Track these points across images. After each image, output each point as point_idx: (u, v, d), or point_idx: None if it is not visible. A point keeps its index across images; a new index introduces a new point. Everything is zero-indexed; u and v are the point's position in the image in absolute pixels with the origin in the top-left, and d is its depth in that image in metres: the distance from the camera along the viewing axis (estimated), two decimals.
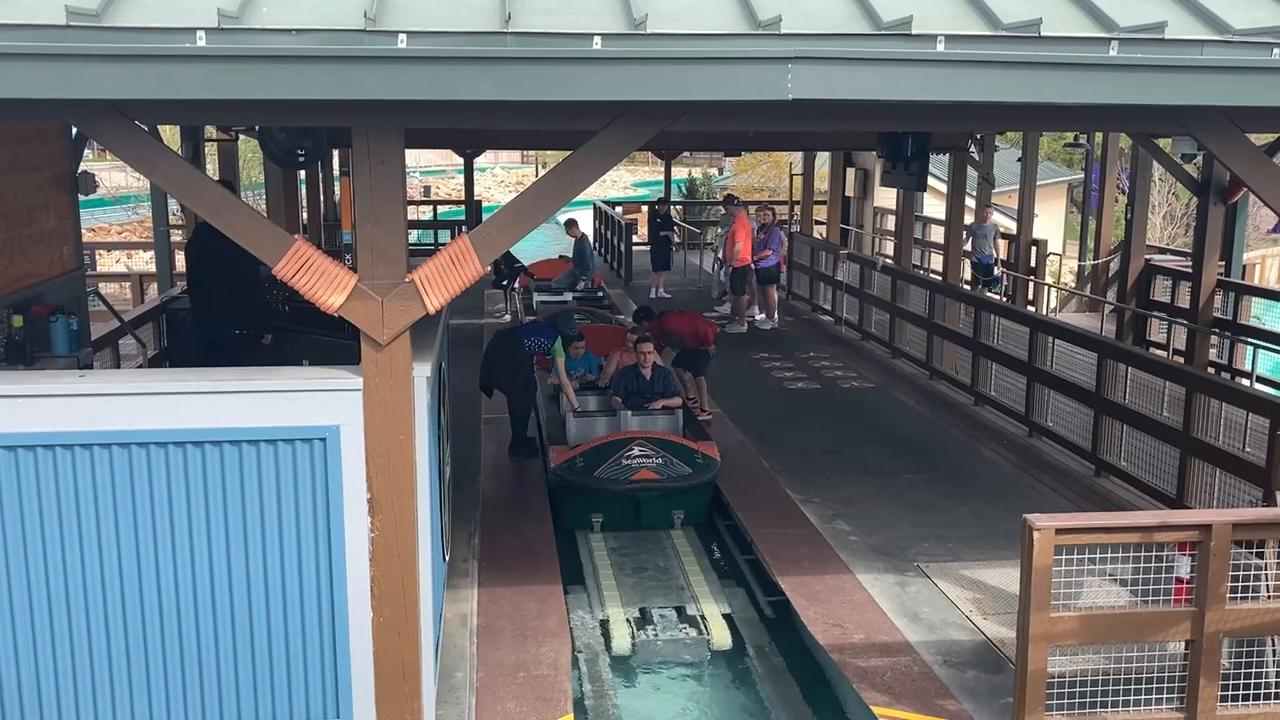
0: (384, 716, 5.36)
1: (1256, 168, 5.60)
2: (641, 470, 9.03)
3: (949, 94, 4.64)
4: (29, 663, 5.12)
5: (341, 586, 5.24)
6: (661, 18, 4.59)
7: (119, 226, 30.74)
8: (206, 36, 4.26)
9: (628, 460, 9.06)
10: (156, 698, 5.24)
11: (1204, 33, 4.82)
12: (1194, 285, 12.89)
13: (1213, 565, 5.33)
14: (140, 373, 7.19)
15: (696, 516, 9.50)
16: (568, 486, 9.22)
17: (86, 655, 5.16)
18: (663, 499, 9.15)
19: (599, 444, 9.29)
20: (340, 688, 5.34)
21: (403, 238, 5.08)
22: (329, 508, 5.17)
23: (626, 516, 9.22)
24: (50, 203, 8.60)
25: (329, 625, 5.28)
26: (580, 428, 10.02)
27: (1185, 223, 28.90)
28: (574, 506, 9.28)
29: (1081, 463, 10.34)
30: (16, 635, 5.10)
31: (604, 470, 9.04)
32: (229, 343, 8.98)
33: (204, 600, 5.19)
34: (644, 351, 10.38)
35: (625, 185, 49.46)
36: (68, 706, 5.18)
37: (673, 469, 9.12)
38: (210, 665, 5.25)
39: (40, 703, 5.16)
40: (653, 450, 9.17)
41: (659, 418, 10.05)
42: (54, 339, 7.87)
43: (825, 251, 18.54)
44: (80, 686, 5.18)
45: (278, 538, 5.18)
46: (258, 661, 5.28)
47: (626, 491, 9.03)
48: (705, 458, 9.39)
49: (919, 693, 6.27)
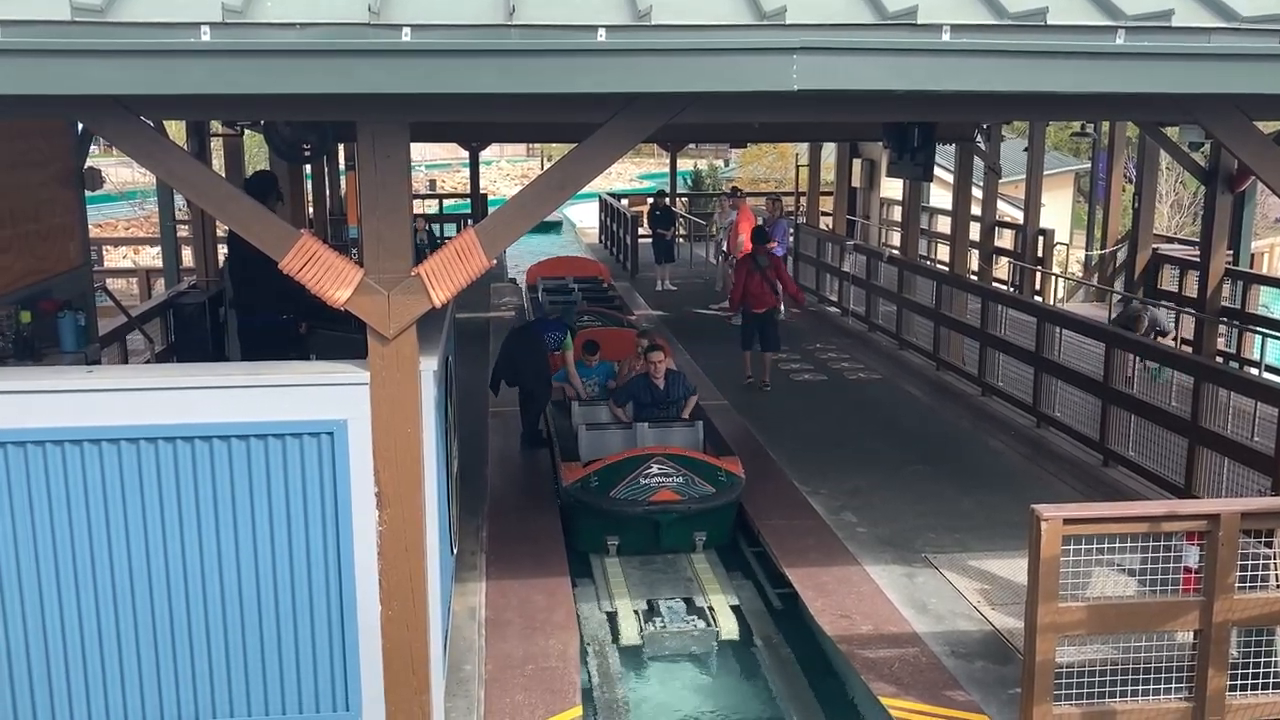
0: (393, 709, 5.38)
1: (1264, 155, 5.58)
2: (661, 490, 8.37)
3: (955, 84, 4.62)
4: (41, 655, 5.15)
5: (350, 580, 5.25)
6: (665, 9, 4.57)
7: (125, 222, 30.78)
8: (211, 31, 4.26)
9: (646, 479, 8.42)
10: (167, 690, 5.27)
11: (1211, 20, 4.80)
12: (1202, 274, 12.81)
13: (1221, 555, 5.32)
14: (148, 368, 7.21)
15: (720, 539, 8.84)
16: (581, 507, 8.62)
17: (97, 647, 5.18)
18: (684, 520, 8.49)
19: (614, 461, 8.65)
20: (349, 680, 5.36)
21: (408, 232, 5.09)
22: (337, 502, 5.18)
23: (644, 539, 8.56)
24: (56, 199, 8.61)
25: (338, 618, 5.30)
26: (593, 442, 9.46)
27: (1193, 211, 28.77)
28: (588, 528, 8.68)
29: (1089, 453, 10.33)
30: (28, 627, 5.12)
31: (620, 490, 8.39)
32: (272, 328, 9.06)
33: (213, 593, 5.20)
34: (655, 360, 9.80)
35: (631, 177, 49.40)
36: (79, 698, 5.21)
37: (694, 488, 8.46)
38: (220, 658, 5.27)
39: (51, 694, 5.19)
40: (673, 468, 8.52)
41: (676, 430, 9.52)
42: (61, 335, 7.89)
43: (831, 243, 18.51)
44: (91, 678, 5.20)
45: (286, 532, 5.19)
46: (267, 655, 5.30)
47: (645, 514, 8.38)
48: (729, 475, 8.73)
49: (927, 683, 6.28)
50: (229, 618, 5.24)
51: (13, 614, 5.10)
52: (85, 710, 5.23)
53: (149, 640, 5.21)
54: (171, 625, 5.21)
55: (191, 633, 5.23)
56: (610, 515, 8.44)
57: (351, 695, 5.37)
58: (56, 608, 5.12)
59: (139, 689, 5.24)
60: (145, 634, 5.20)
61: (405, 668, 5.35)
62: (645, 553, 8.58)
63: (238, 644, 5.27)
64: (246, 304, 9.23)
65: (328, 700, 5.37)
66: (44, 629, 5.13)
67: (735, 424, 11.23)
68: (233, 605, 5.23)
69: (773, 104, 4.73)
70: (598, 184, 15.77)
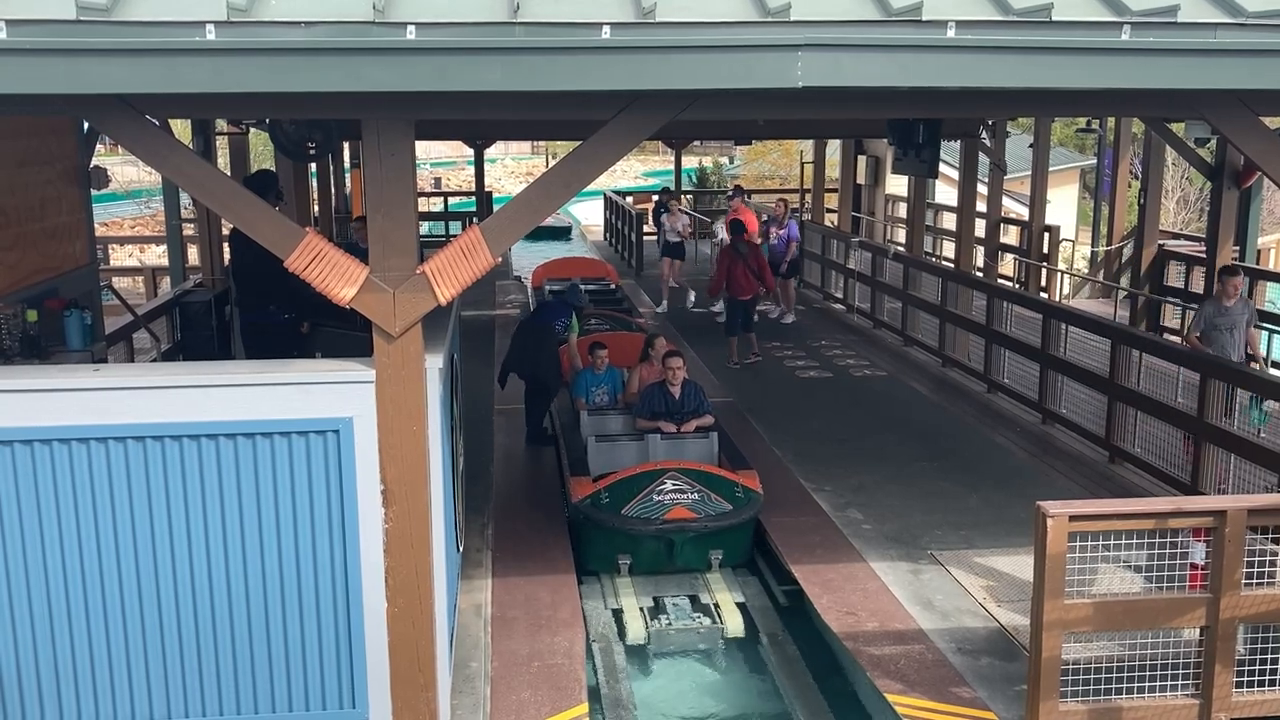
0: (399, 706, 5.39)
1: (1270, 151, 5.56)
2: (675, 508, 7.95)
3: (960, 80, 4.62)
4: (49, 652, 5.17)
5: (356, 577, 5.26)
6: (670, 6, 4.57)
7: (131, 221, 30.87)
8: (215, 30, 4.26)
9: (659, 496, 7.99)
10: (174, 686, 5.28)
11: (1217, 16, 4.78)
12: (1208, 270, 12.80)
13: (1227, 551, 5.32)
14: (154, 366, 7.22)
15: (737, 558, 8.43)
16: (591, 526, 8.17)
17: (104, 645, 5.20)
18: (700, 539, 8.10)
19: (626, 477, 8.21)
20: (355, 677, 5.37)
21: (413, 229, 5.09)
22: (343, 499, 5.19)
23: (658, 559, 8.15)
24: (62, 197, 8.63)
25: (344, 615, 5.31)
26: (603, 454, 8.98)
27: (1199, 207, 28.71)
28: (598, 548, 8.26)
29: (1095, 449, 10.32)
30: (35, 626, 5.14)
31: (632, 508, 7.96)
32: (275, 327, 9.08)
33: (219, 591, 5.22)
34: (673, 367, 9.30)
35: (636, 175, 49.41)
36: (86, 695, 5.23)
37: (710, 505, 8.04)
38: (226, 655, 5.29)
39: (59, 693, 5.21)
40: (688, 484, 8.10)
41: (689, 443, 9.06)
42: (68, 333, 7.91)
43: (837, 239, 18.49)
44: (98, 676, 5.22)
45: (292, 529, 5.20)
46: (273, 651, 5.31)
47: (658, 533, 7.96)
48: (746, 491, 8.30)
49: (933, 680, 6.27)
50: (235, 614, 5.25)
51: (21, 611, 5.12)
52: (93, 706, 5.24)
53: (156, 636, 5.22)
54: (179, 622, 5.22)
55: (198, 629, 5.24)
56: (622, 534, 8.03)
57: (358, 692, 5.38)
58: (64, 604, 5.14)
59: (146, 685, 5.26)
60: (152, 630, 5.21)
61: (411, 665, 5.36)
62: (658, 572, 8.25)
63: (244, 640, 5.29)
64: (250, 302, 9.26)
65: (334, 697, 5.39)
66: (52, 625, 5.15)
67: (740, 420, 11.22)
68: (239, 602, 5.24)
69: (777, 101, 4.72)
70: (602, 181, 15.77)
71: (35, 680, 5.19)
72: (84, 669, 5.21)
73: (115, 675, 5.24)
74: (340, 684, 5.38)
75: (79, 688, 5.22)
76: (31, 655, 5.16)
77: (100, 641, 5.20)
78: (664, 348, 9.96)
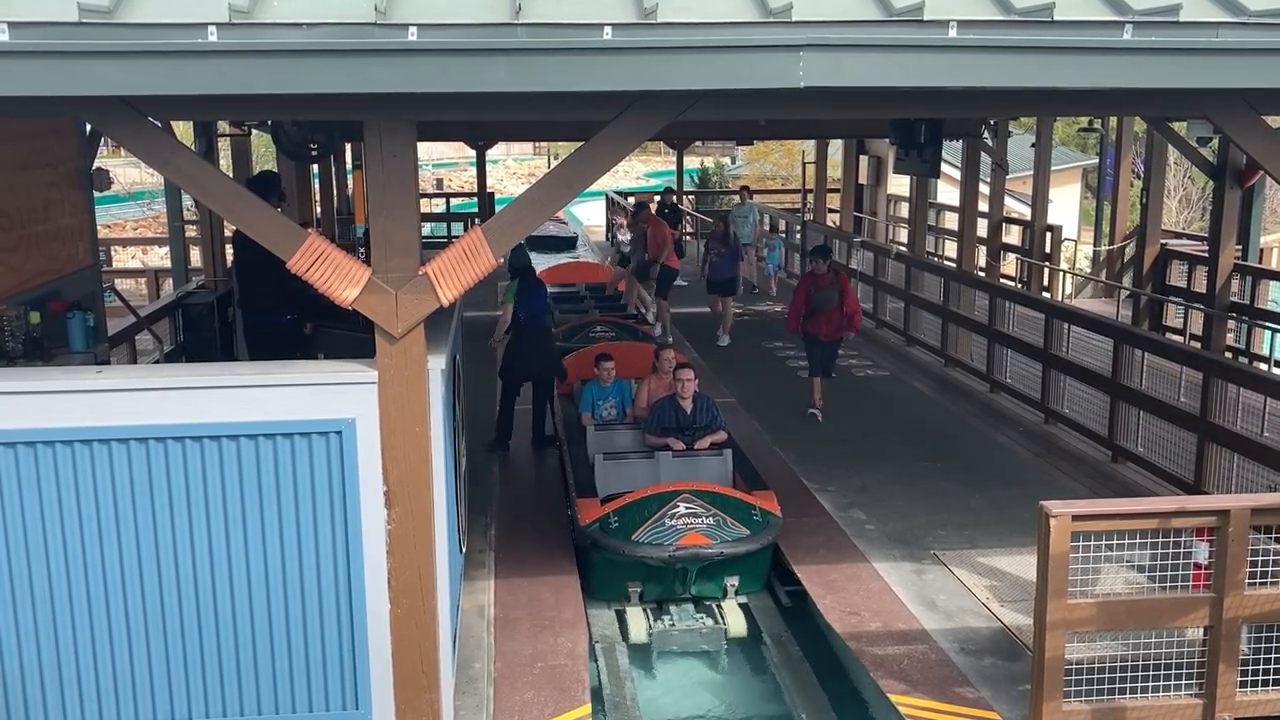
0: (402, 707, 5.39)
1: (1273, 150, 5.55)
2: (690, 533, 7.41)
3: (962, 80, 4.62)
4: (52, 654, 5.17)
5: (359, 578, 5.26)
6: (672, 7, 4.57)
7: (134, 222, 30.87)
8: (218, 32, 4.27)
9: (672, 521, 7.46)
10: (177, 689, 5.28)
11: (1219, 15, 4.78)
12: (1210, 269, 12.81)
13: (1231, 551, 5.31)
14: (157, 368, 7.23)
15: (755, 585, 7.99)
16: (599, 552, 7.68)
17: (108, 647, 5.20)
18: (714, 566, 7.60)
19: (636, 499, 7.69)
20: (359, 679, 5.37)
21: (415, 230, 5.09)
22: (346, 500, 5.19)
23: (670, 587, 7.70)
24: (65, 199, 8.64)
25: (347, 617, 5.31)
26: (611, 474, 8.48)
27: (1201, 207, 28.68)
28: (607, 575, 7.78)
29: (1098, 449, 10.31)
30: (39, 627, 5.14)
31: (643, 533, 7.43)
32: (278, 327, 9.09)
33: (223, 593, 5.22)
34: (684, 379, 8.80)
35: (637, 175, 49.40)
36: (90, 698, 5.23)
37: (727, 531, 7.50)
38: (230, 657, 5.29)
39: (63, 694, 5.21)
40: (702, 507, 7.57)
41: (702, 460, 8.54)
42: (71, 335, 7.92)
43: (838, 240, 18.48)
44: (102, 678, 5.22)
45: (295, 530, 5.20)
46: (276, 653, 5.31)
47: (671, 560, 7.43)
48: (764, 514, 7.78)
49: (936, 680, 6.27)
50: (239, 616, 5.25)
51: (24, 613, 5.12)
52: (96, 708, 5.24)
53: (159, 638, 5.22)
54: (181, 623, 5.22)
55: (201, 631, 5.24)
56: (632, 562, 7.52)
57: (361, 693, 5.38)
58: (68, 607, 5.14)
59: (149, 687, 5.26)
60: (155, 632, 5.21)
61: (414, 666, 5.36)
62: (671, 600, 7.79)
63: (247, 642, 5.29)
64: (253, 303, 9.27)
65: (337, 698, 5.39)
66: (54, 627, 5.15)
67: (742, 420, 11.22)
68: (242, 603, 5.24)
69: (780, 101, 4.72)
70: (604, 182, 15.76)
71: (39, 681, 5.19)
72: (88, 671, 5.21)
73: (119, 677, 5.23)
74: (343, 685, 5.38)
75: (82, 689, 5.22)
76: (35, 657, 5.16)
77: (104, 643, 5.19)
78: (673, 359, 9.38)
